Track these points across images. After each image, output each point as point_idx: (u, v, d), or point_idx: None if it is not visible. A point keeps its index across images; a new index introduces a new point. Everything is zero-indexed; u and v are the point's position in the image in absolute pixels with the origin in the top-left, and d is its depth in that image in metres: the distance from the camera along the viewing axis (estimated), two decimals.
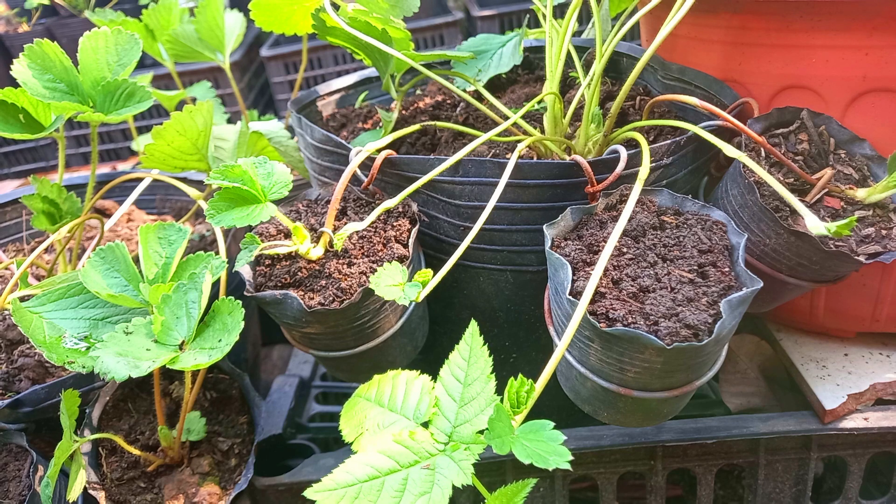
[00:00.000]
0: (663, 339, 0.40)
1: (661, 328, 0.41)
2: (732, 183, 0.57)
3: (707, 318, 0.42)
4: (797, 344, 0.74)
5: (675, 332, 0.41)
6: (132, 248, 0.89)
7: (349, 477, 0.46)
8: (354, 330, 0.55)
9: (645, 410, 0.48)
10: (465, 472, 0.45)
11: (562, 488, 0.66)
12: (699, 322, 0.42)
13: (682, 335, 0.41)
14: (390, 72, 0.71)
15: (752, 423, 0.66)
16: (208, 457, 0.66)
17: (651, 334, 0.40)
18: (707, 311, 0.43)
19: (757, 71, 0.66)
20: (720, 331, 0.40)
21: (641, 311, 0.43)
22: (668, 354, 0.40)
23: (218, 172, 0.53)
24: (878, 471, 0.73)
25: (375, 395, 0.53)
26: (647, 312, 0.43)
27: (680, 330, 0.41)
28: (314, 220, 0.60)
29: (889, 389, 0.67)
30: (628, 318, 0.43)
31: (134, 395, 0.71)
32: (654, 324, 0.42)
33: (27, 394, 0.68)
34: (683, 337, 0.41)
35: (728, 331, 0.42)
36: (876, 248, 0.53)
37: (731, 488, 0.75)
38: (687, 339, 0.40)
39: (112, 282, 0.60)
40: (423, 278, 0.47)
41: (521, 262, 0.60)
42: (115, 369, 0.50)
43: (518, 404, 0.36)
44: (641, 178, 0.51)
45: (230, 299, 0.56)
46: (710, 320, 0.42)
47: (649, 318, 0.43)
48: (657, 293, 0.45)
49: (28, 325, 0.62)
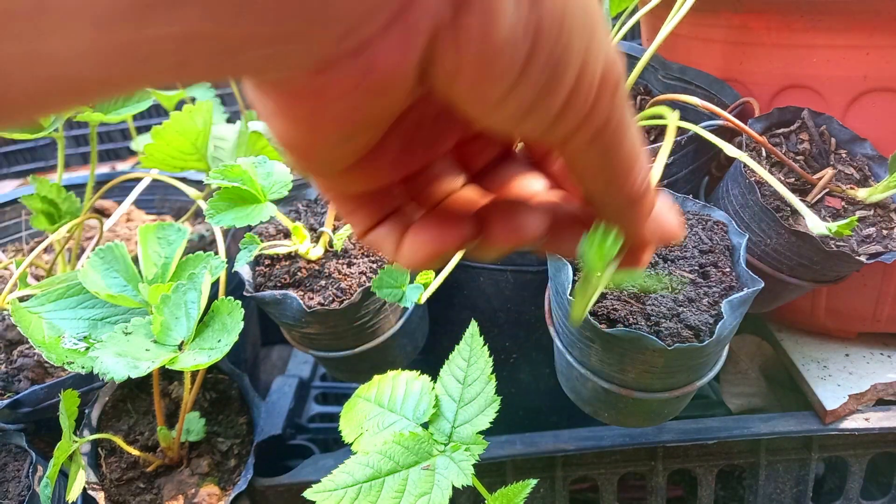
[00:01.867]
0: (664, 339, 0.40)
1: (662, 329, 0.41)
2: (733, 183, 0.57)
3: (708, 319, 0.42)
4: (798, 344, 0.74)
5: (677, 332, 0.41)
6: (131, 248, 0.89)
7: (349, 477, 0.46)
8: (354, 330, 0.55)
9: (646, 411, 0.48)
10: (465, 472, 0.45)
11: (562, 489, 0.66)
12: (700, 323, 0.41)
13: (683, 336, 0.41)
14: None
15: (753, 423, 0.66)
16: (208, 457, 0.66)
17: (652, 335, 0.40)
18: (708, 311, 0.43)
19: (758, 70, 0.65)
20: (721, 331, 0.40)
21: (643, 311, 0.43)
22: (669, 355, 0.40)
23: (218, 172, 0.53)
24: (879, 471, 0.73)
25: (375, 395, 0.53)
26: (648, 313, 0.43)
27: (681, 331, 0.41)
28: (314, 220, 0.59)
29: (890, 389, 0.67)
30: (629, 318, 0.42)
31: (133, 396, 0.71)
32: (655, 324, 0.42)
33: (26, 394, 0.68)
34: (684, 338, 0.41)
35: (729, 331, 0.42)
36: (877, 248, 0.53)
37: (732, 489, 0.75)
38: (688, 340, 0.40)
39: (111, 282, 0.60)
40: (424, 279, 0.46)
41: (522, 263, 0.60)
42: (114, 370, 0.50)
43: (604, 257, 0.38)
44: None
45: (230, 299, 0.56)
46: (711, 321, 0.42)
47: (650, 319, 0.42)
48: (660, 292, 0.45)
49: (27, 325, 0.62)
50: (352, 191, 0.31)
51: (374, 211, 0.33)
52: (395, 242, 0.33)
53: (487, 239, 0.32)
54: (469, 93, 0.23)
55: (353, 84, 0.21)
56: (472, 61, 0.22)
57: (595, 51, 0.25)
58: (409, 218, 0.34)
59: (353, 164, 0.28)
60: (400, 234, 0.33)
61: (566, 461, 0.65)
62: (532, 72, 0.23)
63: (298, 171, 0.28)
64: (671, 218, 0.34)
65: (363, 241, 0.34)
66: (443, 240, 0.31)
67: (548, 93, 0.24)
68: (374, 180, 0.31)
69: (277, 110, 0.23)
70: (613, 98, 0.27)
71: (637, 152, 0.30)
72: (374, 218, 0.33)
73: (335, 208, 0.35)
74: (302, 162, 0.26)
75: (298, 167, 0.27)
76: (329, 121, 0.23)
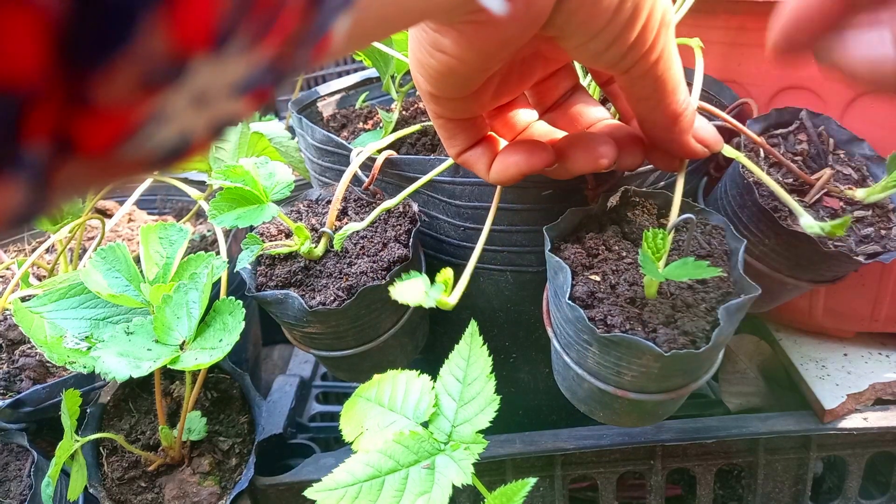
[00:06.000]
0: (661, 345, 0.40)
1: (659, 335, 0.41)
2: (731, 183, 0.58)
3: (705, 326, 0.42)
4: (796, 344, 0.74)
5: (674, 339, 0.41)
6: (133, 249, 0.90)
7: (349, 476, 0.46)
8: (355, 330, 0.55)
9: (640, 411, 0.49)
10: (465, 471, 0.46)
11: (561, 487, 0.66)
12: (697, 329, 0.42)
13: (679, 342, 0.41)
14: (391, 73, 0.71)
15: (752, 422, 0.66)
16: (209, 456, 0.66)
17: (649, 341, 0.41)
18: (705, 317, 0.43)
19: (756, 72, 0.66)
20: (718, 338, 0.40)
21: (639, 317, 0.43)
22: (665, 360, 0.41)
23: (220, 173, 0.53)
24: (877, 470, 0.73)
25: (375, 394, 0.53)
26: (644, 319, 0.43)
27: (678, 337, 0.41)
28: (315, 220, 0.60)
29: (888, 389, 0.67)
30: (626, 324, 0.43)
31: (135, 395, 0.71)
32: (652, 330, 0.42)
33: (28, 393, 0.68)
34: (681, 344, 0.41)
35: (725, 337, 0.42)
36: (875, 248, 0.53)
37: (731, 488, 0.75)
38: (685, 346, 0.41)
39: (113, 282, 0.60)
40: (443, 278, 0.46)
41: (521, 263, 0.61)
42: (116, 369, 0.51)
43: (657, 250, 0.41)
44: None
45: (231, 299, 0.56)
46: (707, 327, 0.42)
47: (647, 326, 0.43)
48: (656, 298, 0.45)
49: (29, 325, 0.62)
50: (459, 115, 0.40)
51: (469, 136, 0.42)
52: (487, 163, 0.42)
53: (567, 165, 0.42)
54: (577, 27, 0.32)
55: (518, 16, 0.30)
56: (588, 1, 0.30)
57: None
58: (495, 146, 0.43)
59: (471, 94, 0.37)
60: (489, 157, 0.42)
61: (565, 460, 0.65)
62: (621, 11, 0.31)
63: (438, 93, 0.37)
64: (709, 131, 0.42)
65: (459, 160, 0.44)
66: (529, 162, 0.41)
67: (628, 28, 0.32)
68: (479, 106, 0.40)
69: (457, 40, 0.32)
70: (667, 33, 0.35)
71: (680, 78, 0.39)
72: (469, 142, 0.42)
73: (440, 132, 0.42)
74: (453, 84, 0.35)
75: (442, 89, 0.36)
76: (494, 44, 0.32)
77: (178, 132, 0.14)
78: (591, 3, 0.31)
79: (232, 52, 0.14)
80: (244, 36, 0.13)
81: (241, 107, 0.16)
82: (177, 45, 0.12)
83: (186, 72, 0.13)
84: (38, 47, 0.10)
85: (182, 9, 0.12)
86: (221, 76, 0.14)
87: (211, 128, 0.15)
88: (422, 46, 0.34)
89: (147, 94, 0.13)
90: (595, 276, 0.47)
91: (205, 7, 0.12)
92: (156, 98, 0.13)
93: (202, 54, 0.13)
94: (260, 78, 0.15)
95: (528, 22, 0.31)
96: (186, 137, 0.15)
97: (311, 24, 0.15)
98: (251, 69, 0.15)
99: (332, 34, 0.17)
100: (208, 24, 0.12)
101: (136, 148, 0.14)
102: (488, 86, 0.38)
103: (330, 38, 0.17)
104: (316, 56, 0.17)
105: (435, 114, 0.40)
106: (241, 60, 0.14)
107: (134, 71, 0.12)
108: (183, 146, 0.15)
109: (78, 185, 0.14)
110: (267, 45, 0.14)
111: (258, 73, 0.15)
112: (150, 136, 0.14)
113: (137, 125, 0.13)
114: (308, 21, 0.15)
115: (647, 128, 0.42)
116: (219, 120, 0.15)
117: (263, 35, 0.14)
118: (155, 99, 0.13)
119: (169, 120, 0.14)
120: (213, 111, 0.15)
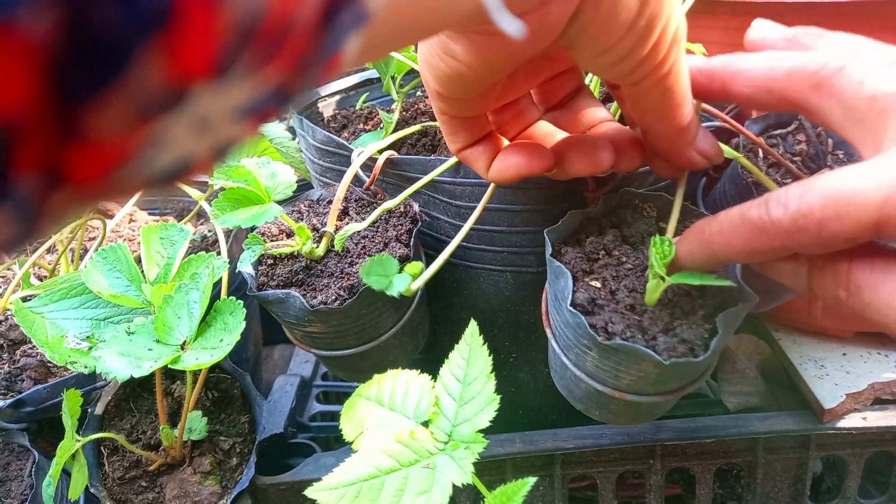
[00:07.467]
0: (661, 353, 0.41)
1: (658, 343, 0.42)
2: (730, 184, 0.58)
3: (703, 333, 0.42)
4: (795, 343, 0.74)
5: (673, 347, 0.41)
6: (134, 249, 0.90)
7: (349, 476, 0.47)
8: (356, 329, 0.55)
9: (636, 411, 0.49)
10: (465, 470, 0.46)
11: (561, 487, 0.66)
12: (695, 337, 0.42)
13: (679, 350, 0.41)
14: (391, 73, 0.71)
15: (751, 422, 0.66)
16: (210, 456, 0.66)
17: (649, 349, 0.41)
18: (703, 325, 0.43)
19: None
20: (716, 346, 0.41)
21: (639, 324, 0.43)
22: (664, 367, 0.41)
23: (222, 173, 0.53)
24: (876, 470, 0.73)
25: (376, 394, 0.53)
26: (644, 327, 0.43)
27: (677, 345, 0.41)
28: (316, 220, 0.60)
29: (887, 389, 0.68)
30: (627, 332, 0.43)
31: (136, 395, 0.72)
32: (652, 338, 0.42)
33: (29, 393, 0.68)
34: (680, 353, 0.41)
35: (723, 343, 0.43)
36: None
37: (730, 487, 0.75)
38: (684, 355, 0.41)
39: (114, 282, 0.60)
40: (413, 270, 0.47)
41: (521, 263, 0.61)
42: (117, 369, 0.51)
43: (665, 256, 0.42)
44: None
45: (232, 299, 0.57)
46: (706, 335, 0.42)
47: (647, 333, 0.43)
48: (656, 305, 0.45)
49: (30, 325, 0.63)
50: (464, 113, 0.40)
51: (472, 133, 0.42)
52: (487, 162, 0.43)
53: (566, 168, 0.42)
54: (590, 40, 0.32)
55: (531, 31, 0.30)
56: (602, 16, 0.30)
57: (674, 11, 0.33)
58: (496, 144, 0.43)
59: (479, 93, 0.37)
60: (490, 156, 0.42)
61: (565, 459, 0.66)
62: (635, 27, 0.31)
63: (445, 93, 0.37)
64: (710, 143, 0.43)
65: (459, 156, 0.44)
66: (529, 164, 0.41)
67: (640, 43, 0.32)
68: (484, 106, 0.40)
69: (468, 48, 0.32)
70: (679, 48, 0.35)
71: (687, 92, 0.39)
72: (471, 139, 0.42)
73: (443, 127, 0.42)
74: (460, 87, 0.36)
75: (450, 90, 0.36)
76: (504, 55, 0.32)
77: (178, 156, 0.14)
78: (605, 18, 0.30)
79: (235, 78, 0.13)
80: (249, 62, 0.13)
81: (245, 129, 0.15)
82: (175, 74, 0.12)
83: (186, 99, 0.13)
84: (29, 81, 0.10)
85: (181, 39, 0.11)
86: (223, 102, 0.14)
87: (213, 150, 0.15)
88: (433, 50, 0.34)
89: (143, 123, 0.12)
90: (595, 283, 0.47)
91: (206, 37, 0.12)
92: (153, 126, 0.13)
93: (203, 82, 0.13)
94: (265, 101, 0.15)
95: (540, 37, 0.31)
96: (186, 161, 0.15)
97: (320, 47, 0.15)
98: (256, 93, 0.14)
99: (343, 54, 0.16)
100: (209, 54, 0.12)
101: (132, 173, 0.13)
102: (495, 86, 0.39)
103: (340, 59, 0.17)
104: (325, 75, 0.17)
105: (440, 110, 0.40)
106: (245, 85, 0.14)
107: (128, 102, 0.12)
108: (183, 169, 0.15)
109: (71, 209, 0.14)
110: (273, 70, 0.14)
111: (263, 97, 0.15)
112: (147, 162, 0.13)
113: (133, 153, 0.13)
114: (317, 44, 0.15)
115: (650, 137, 0.43)
116: (221, 143, 0.15)
117: (269, 60, 0.14)
118: (152, 127, 0.13)
119: (167, 145, 0.13)
120: (215, 135, 0.14)
